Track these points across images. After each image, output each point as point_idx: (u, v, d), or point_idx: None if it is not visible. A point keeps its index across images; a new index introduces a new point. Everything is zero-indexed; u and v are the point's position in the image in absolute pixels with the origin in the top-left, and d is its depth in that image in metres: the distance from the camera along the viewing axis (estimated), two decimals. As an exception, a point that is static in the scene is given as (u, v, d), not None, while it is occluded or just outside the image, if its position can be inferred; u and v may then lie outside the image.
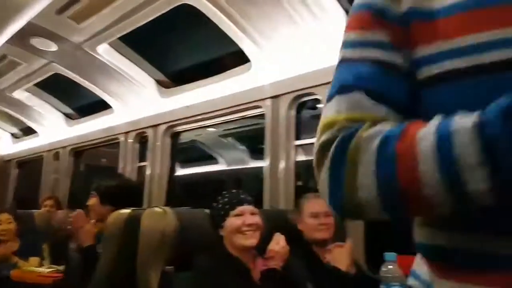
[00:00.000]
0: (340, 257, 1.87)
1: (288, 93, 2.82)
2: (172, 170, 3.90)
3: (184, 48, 3.64)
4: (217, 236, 1.72)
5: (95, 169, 5.72)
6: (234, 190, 1.77)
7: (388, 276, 1.50)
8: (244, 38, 2.85)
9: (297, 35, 2.68)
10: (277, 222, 2.03)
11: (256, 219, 1.69)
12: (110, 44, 3.58)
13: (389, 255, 1.55)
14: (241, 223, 1.65)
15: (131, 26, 3.17)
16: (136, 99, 4.04)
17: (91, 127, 4.75)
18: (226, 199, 1.72)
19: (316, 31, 2.60)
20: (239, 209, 1.68)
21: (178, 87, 3.75)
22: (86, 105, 4.87)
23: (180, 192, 4.69)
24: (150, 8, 2.91)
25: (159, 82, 3.89)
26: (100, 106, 4.48)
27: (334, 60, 0.65)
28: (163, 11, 2.92)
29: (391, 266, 1.52)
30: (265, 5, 2.58)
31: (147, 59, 3.79)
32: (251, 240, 1.65)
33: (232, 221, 1.67)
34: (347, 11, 2.54)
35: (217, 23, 2.82)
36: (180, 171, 5.36)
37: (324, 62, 2.59)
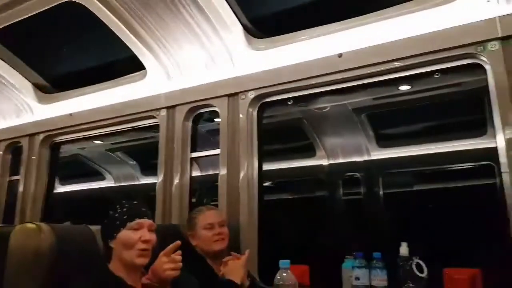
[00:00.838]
0: (235, 269, 1.85)
1: (185, 103, 2.75)
2: (50, 186, 3.59)
3: (70, 50, 3.35)
4: (99, 257, 1.55)
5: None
6: (135, 201, 1.63)
7: (282, 283, 1.52)
8: (139, 45, 2.71)
9: (197, 48, 2.64)
10: (169, 237, 1.92)
11: (153, 237, 1.57)
12: (-21, 41, 3.21)
13: (284, 262, 1.58)
14: (137, 239, 1.52)
15: (5, 22, 2.85)
16: (9, 104, 3.67)
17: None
18: (125, 209, 1.57)
19: (216, 45, 2.59)
20: (138, 221, 1.55)
21: (61, 93, 3.48)
22: None
23: (60, 211, 4.27)
24: (29, 4, 2.65)
25: (38, 87, 3.58)
26: (-38, 111, 3.89)
27: (233, 73, 0.61)
28: (44, 8, 2.67)
29: (285, 274, 1.55)
30: (166, 16, 2.50)
31: (24, 60, 3.46)
32: (142, 259, 1.53)
33: (127, 234, 1.52)
34: (245, 28, 2.60)
35: (111, 27, 2.65)
36: (61, 188, 4.92)
37: (223, 75, 2.58)
